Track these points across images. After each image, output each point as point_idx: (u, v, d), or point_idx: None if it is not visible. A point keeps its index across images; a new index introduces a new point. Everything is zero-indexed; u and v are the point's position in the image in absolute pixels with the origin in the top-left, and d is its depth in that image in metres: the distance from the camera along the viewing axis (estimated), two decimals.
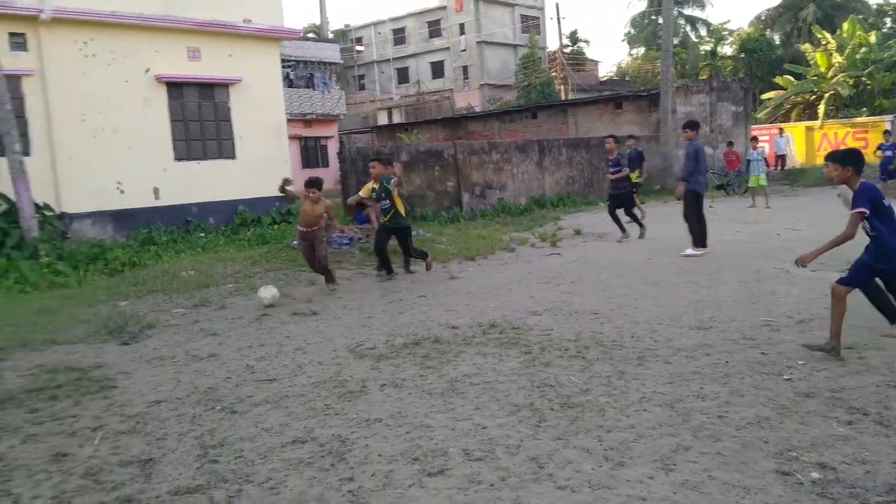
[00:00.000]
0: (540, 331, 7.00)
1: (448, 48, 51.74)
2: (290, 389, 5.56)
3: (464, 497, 3.65)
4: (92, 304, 9.66)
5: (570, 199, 21.38)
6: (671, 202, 16.53)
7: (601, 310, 7.82)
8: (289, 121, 20.46)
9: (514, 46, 51.78)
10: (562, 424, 4.53)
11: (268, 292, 9.04)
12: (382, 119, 48.25)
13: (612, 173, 13.36)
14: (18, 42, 14.13)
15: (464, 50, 50.66)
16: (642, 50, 56.72)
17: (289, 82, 30.92)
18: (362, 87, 55.59)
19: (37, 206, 13.54)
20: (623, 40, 67.66)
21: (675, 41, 41.45)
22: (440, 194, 18.14)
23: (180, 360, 6.69)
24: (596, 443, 4.22)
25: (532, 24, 53.58)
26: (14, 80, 13.76)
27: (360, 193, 11.16)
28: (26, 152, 13.61)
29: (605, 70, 67.16)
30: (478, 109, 43.28)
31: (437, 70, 53.27)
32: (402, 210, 10.59)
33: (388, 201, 10.49)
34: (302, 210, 9.84)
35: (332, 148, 33.89)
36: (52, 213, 14.16)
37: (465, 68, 51.12)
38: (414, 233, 14.55)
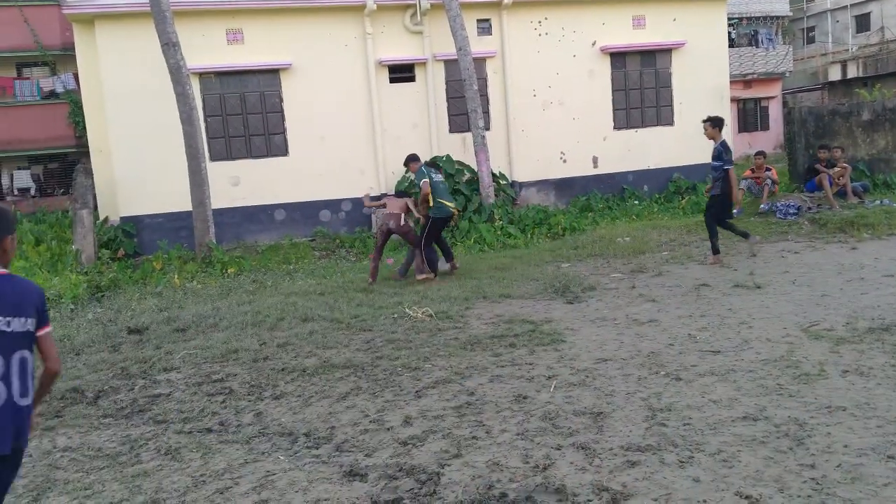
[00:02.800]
0: None
1: None
2: (737, 364, 5.32)
3: None
4: (538, 264, 10.56)
5: None
6: None
7: None
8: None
9: None
10: None
11: None
12: (834, 74, 42.71)
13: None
14: (484, 27, 15.93)
15: None
16: None
17: (730, 41, 29.29)
18: (811, 41, 49.93)
19: (494, 175, 15.26)
20: None
21: None
22: None
23: (621, 322, 6.91)
24: None
25: None
26: (479, 63, 15.59)
27: None
28: (487, 127, 15.37)
29: None
30: None
31: None
32: None
33: None
34: None
35: (774, 109, 31.26)
36: (505, 182, 15.83)
37: None
38: (877, 202, 12.71)
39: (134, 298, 9.96)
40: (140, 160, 14.18)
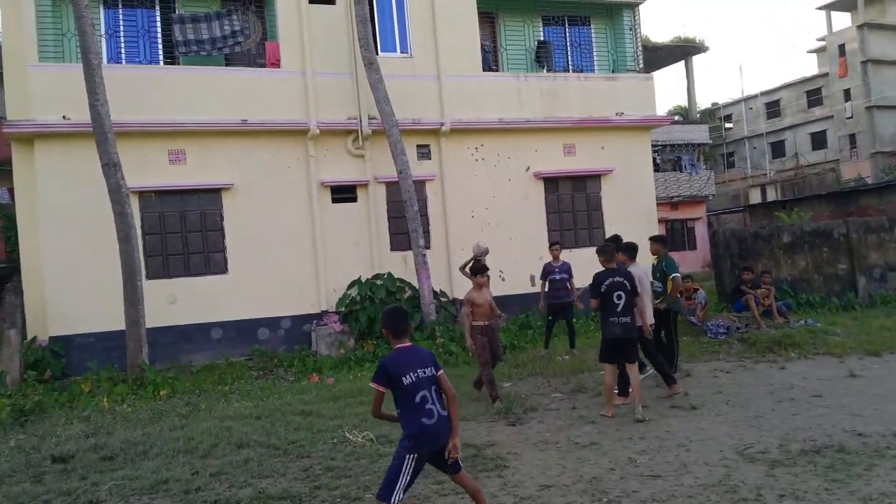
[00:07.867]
0: None
1: (831, 116, 47.28)
2: (677, 489, 5.37)
3: None
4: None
5: None
6: None
7: None
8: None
9: None
10: None
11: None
12: (755, 197, 45.53)
13: None
14: (423, 152, 16.54)
15: (850, 117, 45.80)
16: None
17: (655, 166, 31.03)
18: (731, 165, 53.32)
19: (435, 293, 15.43)
20: None
21: None
22: (829, 278, 16.34)
23: (563, 445, 6.92)
24: None
25: None
26: (419, 185, 16.07)
27: None
28: (427, 246, 15.66)
29: None
30: (869, 181, 38.47)
31: (819, 141, 48.89)
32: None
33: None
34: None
35: (700, 229, 32.87)
36: (446, 300, 15.98)
37: (851, 136, 46.07)
38: (802, 322, 13.24)
39: (60, 423, 9.47)
40: (73, 279, 13.84)
